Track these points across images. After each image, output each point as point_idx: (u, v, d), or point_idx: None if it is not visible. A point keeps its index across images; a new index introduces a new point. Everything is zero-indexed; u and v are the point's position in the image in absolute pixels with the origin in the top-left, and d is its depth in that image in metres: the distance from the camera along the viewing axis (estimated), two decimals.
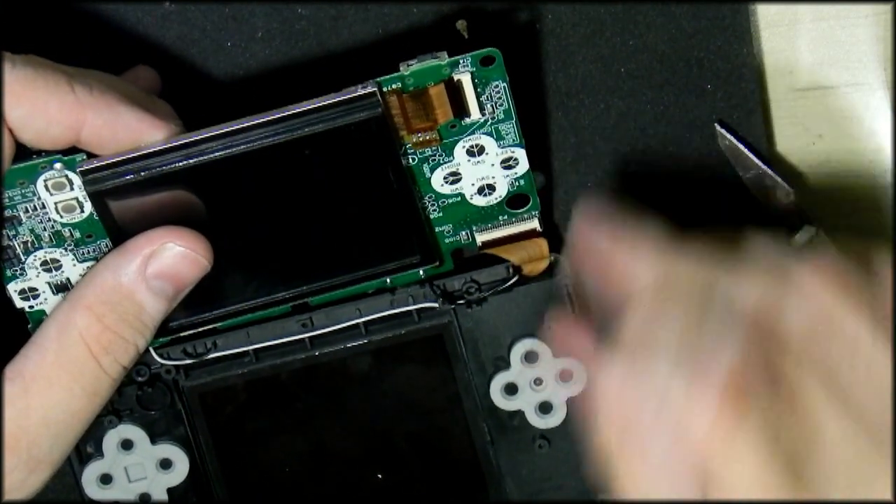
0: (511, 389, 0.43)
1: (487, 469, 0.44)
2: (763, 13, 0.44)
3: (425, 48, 0.41)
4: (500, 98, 0.39)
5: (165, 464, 0.43)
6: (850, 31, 0.44)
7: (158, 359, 0.42)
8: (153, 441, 0.43)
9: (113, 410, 0.42)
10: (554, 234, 0.45)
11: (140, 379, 0.42)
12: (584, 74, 0.44)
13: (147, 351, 0.41)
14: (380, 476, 0.44)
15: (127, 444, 0.43)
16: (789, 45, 0.44)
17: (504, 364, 0.43)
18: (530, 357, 0.43)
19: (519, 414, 0.43)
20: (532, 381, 0.43)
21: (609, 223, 0.37)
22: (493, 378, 0.43)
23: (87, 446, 0.42)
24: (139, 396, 0.42)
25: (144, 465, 0.43)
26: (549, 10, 0.43)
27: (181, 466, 0.43)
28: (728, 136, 0.44)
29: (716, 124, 0.44)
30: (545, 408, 0.43)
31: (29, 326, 0.41)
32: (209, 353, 0.42)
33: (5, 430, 0.37)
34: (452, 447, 0.44)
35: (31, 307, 0.41)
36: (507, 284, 0.42)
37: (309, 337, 0.42)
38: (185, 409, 0.43)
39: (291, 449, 0.43)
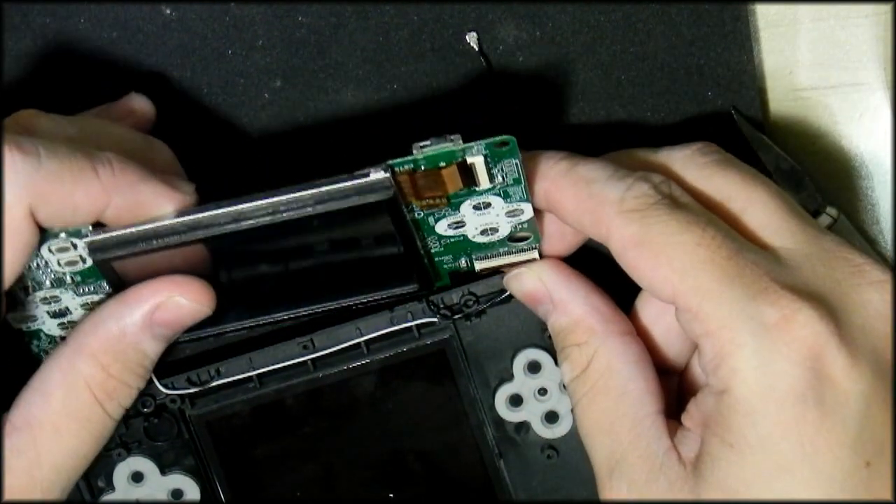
0: (516, 401, 0.43)
1: (497, 482, 0.43)
2: (763, 13, 0.44)
3: (428, 53, 0.40)
4: (511, 170, 0.38)
5: (176, 494, 0.43)
6: (850, 31, 0.44)
7: (163, 389, 0.42)
8: (163, 472, 0.43)
9: (121, 443, 0.42)
10: None
11: (146, 410, 0.42)
12: (584, 82, 0.43)
13: (151, 382, 0.41)
14: (391, 495, 0.44)
15: (137, 477, 0.43)
16: (789, 45, 0.44)
17: (507, 376, 0.43)
18: (533, 367, 0.43)
19: (525, 425, 0.43)
20: (536, 392, 0.43)
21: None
22: (497, 390, 0.43)
23: (97, 480, 0.42)
24: (146, 428, 0.42)
25: (155, 496, 0.43)
26: (550, 19, 0.42)
27: (192, 496, 0.43)
28: (746, 122, 0.43)
29: (732, 111, 0.43)
30: (551, 417, 0.43)
31: (25, 340, 0.41)
32: (213, 381, 0.42)
33: (17, 482, 0.38)
34: (461, 462, 0.43)
35: (27, 327, 0.41)
36: (505, 295, 0.42)
37: (311, 359, 0.42)
38: (193, 438, 0.43)
39: (301, 472, 0.43)
